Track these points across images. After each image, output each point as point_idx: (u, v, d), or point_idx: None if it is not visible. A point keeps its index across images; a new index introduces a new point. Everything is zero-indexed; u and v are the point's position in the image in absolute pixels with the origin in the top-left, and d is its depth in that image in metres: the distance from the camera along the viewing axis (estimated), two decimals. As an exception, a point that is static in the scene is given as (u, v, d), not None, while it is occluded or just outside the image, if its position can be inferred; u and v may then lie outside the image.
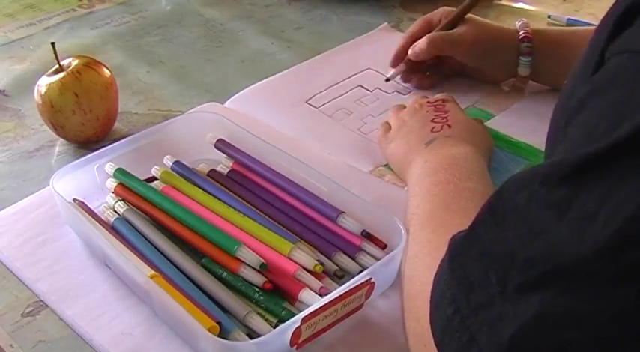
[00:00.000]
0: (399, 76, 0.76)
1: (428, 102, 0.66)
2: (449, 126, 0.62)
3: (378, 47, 0.84)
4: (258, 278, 0.49)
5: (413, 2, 0.95)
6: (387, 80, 0.76)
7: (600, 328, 0.29)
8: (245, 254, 0.49)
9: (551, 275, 0.31)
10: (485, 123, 0.71)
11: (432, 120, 0.63)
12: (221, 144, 0.62)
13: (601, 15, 0.38)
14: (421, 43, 0.73)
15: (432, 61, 0.75)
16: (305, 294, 0.48)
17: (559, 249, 0.31)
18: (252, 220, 0.54)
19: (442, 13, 0.75)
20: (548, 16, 0.92)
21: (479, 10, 0.92)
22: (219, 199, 0.56)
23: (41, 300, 0.51)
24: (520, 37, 0.71)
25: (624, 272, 0.29)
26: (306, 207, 0.56)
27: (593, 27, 0.40)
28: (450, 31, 0.73)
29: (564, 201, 0.32)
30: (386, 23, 0.89)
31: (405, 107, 0.68)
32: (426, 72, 0.77)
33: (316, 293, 0.48)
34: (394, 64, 0.76)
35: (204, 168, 0.61)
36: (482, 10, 0.92)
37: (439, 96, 0.67)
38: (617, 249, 0.29)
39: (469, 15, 0.74)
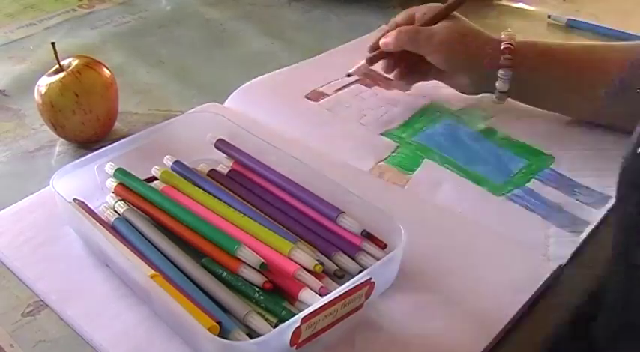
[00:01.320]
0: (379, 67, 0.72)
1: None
2: None
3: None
4: (258, 278, 0.49)
5: (413, 2, 0.95)
6: (349, 75, 0.72)
7: None
8: (245, 254, 0.49)
9: None
10: (484, 123, 0.71)
11: None
12: (221, 144, 0.62)
13: (601, 15, 0.38)
14: (390, 35, 0.68)
15: (410, 57, 0.70)
16: (305, 294, 0.48)
17: None
18: (252, 220, 0.54)
19: (427, 8, 0.69)
20: (549, 16, 0.92)
21: (479, 10, 0.92)
22: (219, 199, 0.56)
23: (41, 300, 0.51)
24: (502, 48, 0.65)
25: None
26: (306, 206, 0.56)
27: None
28: (423, 28, 0.67)
29: None
30: (384, 24, 0.89)
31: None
32: (406, 66, 0.72)
33: (316, 293, 0.48)
34: (370, 52, 0.71)
35: (204, 168, 0.61)
36: (483, 10, 0.92)
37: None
38: None
39: (455, 14, 0.69)
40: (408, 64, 0.72)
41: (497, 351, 0.49)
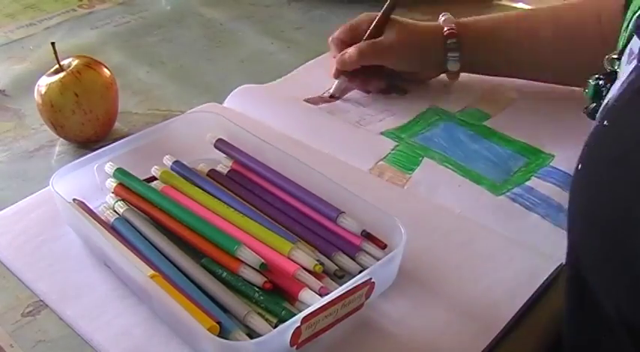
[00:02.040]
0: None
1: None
2: None
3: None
4: (258, 278, 0.49)
5: (413, 2, 0.95)
6: (332, 97, 0.75)
7: None
8: (245, 254, 0.49)
9: None
10: (483, 124, 0.71)
11: None
12: (221, 144, 0.62)
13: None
14: (350, 54, 0.71)
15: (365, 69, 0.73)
16: (305, 294, 0.48)
17: None
18: (252, 220, 0.54)
19: (366, 19, 0.73)
20: None
21: (479, 10, 0.92)
22: (219, 199, 0.56)
23: (41, 300, 0.51)
24: (445, 33, 0.70)
25: None
26: (306, 206, 0.56)
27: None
28: (378, 40, 0.71)
29: None
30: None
31: None
32: (365, 74, 0.74)
33: (316, 293, 0.48)
34: (337, 75, 0.74)
35: (204, 168, 0.61)
36: (483, 10, 0.92)
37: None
38: None
39: (394, 17, 0.72)
40: (364, 74, 0.74)
41: (497, 351, 0.49)
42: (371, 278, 0.48)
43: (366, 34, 0.72)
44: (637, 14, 0.40)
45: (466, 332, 0.49)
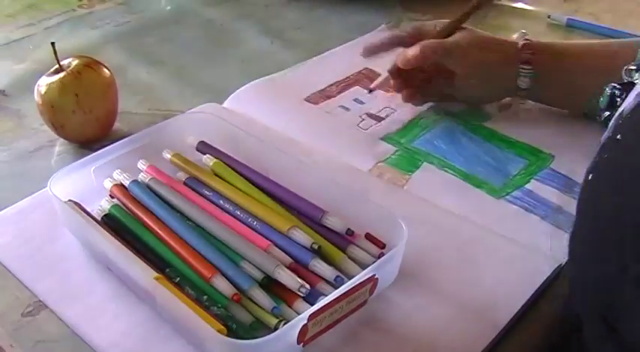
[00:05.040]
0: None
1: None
2: None
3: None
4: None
5: (413, 2, 0.95)
6: (370, 91, 0.73)
7: None
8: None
9: None
10: (483, 124, 0.71)
11: None
12: (202, 147, 0.62)
13: (601, 15, 0.39)
14: (413, 49, 0.68)
15: (423, 76, 0.71)
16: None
17: None
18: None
19: (435, 22, 0.71)
20: (548, 16, 0.92)
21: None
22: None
23: (41, 301, 0.51)
24: (520, 45, 0.68)
25: None
26: (290, 208, 0.56)
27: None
28: (444, 39, 0.69)
29: None
30: (383, 25, 0.89)
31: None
32: (417, 86, 0.72)
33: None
34: (366, 54, 0.71)
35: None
36: (483, 10, 0.92)
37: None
38: None
39: (466, 26, 0.70)
40: (415, 85, 0.72)
41: (498, 351, 0.49)
42: (375, 275, 0.48)
43: (433, 35, 0.70)
44: None
45: (466, 332, 0.49)
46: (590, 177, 0.40)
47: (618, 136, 0.38)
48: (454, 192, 0.62)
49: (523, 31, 0.71)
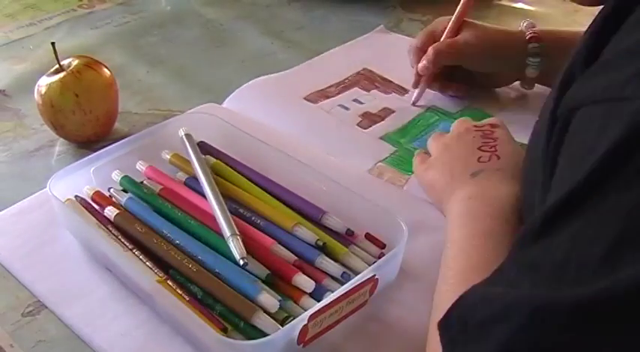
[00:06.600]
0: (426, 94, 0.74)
1: (475, 126, 0.60)
2: (497, 157, 0.55)
3: (373, 48, 0.84)
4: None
5: (412, 3, 0.95)
6: (414, 104, 0.74)
7: None
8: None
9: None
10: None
11: (480, 148, 0.56)
12: (202, 146, 0.61)
13: (601, 15, 0.39)
14: (428, 56, 0.70)
15: (446, 69, 0.73)
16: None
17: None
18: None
19: (442, 22, 0.73)
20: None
21: (478, 10, 0.92)
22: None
23: (41, 301, 0.51)
24: (528, 37, 0.70)
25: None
26: (290, 208, 0.56)
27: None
28: (455, 39, 0.71)
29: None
30: (382, 25, 0.89)
31: (445, 134, 0.62)
32: (450, 78, 0.74)
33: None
34: (415, 84, 0.74)
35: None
36: (483, 10, 0.92)
37: (488, 120, 0.61)
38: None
39: (468, 20, 0.72)
40: (447, 78, 0.74)
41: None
42: (375, 275, 0.48)
43: (443, 36, 0.72)
44: None
45: (466, 332, 0.49)
46: None
47: None
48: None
49: (529, 19, 0.72)
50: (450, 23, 0.71)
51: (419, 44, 0.73)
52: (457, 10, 0.72)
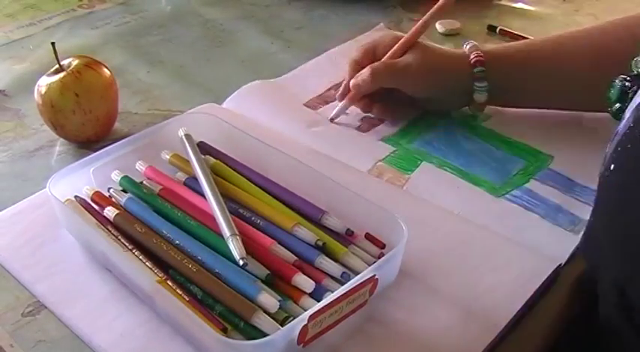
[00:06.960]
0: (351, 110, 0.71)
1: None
2: None
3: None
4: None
5: (413, 2, 0.95)
6: (332, 120, 0.70)
7: None
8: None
9: None
10: (482, 124, 0.71)
11: None
12: (202, 147, 0.61)
13: (601, 15, 0.39)
14: (364, 74, 0.66)
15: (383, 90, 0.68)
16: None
17: None
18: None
19: (388, 39, 0.68)
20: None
21: (479, 10, 0.92)
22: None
23: (40, 302, 0.51)
24: (472, 61, 0.65)
25: None
26: (290, 208, 0.56)
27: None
28: (395, 61, 0.66)
29: None
30: (382, 24, 0.89)
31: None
32: (383, 99, 0.69)
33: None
34: (342, 97, 0.70)
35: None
36: (483, 10, 0.92)
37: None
38: None
39: (418, 41, 0.67)
40: (382, 99, 0.70)
41: (498, 350, 0.49)
42: (375, 275, 0.48)
43: (387, 55, 0.67)
44: None
45: (467, 332, 0.49)
46: (612, 167, 0.40)
47: None
48: (454, 190, 0.62)
49: (471, 41, 0.67)
50: (399, 43, 0.67)
51: (357, 58, 0.69)
52: (411, 30, 0.67)
